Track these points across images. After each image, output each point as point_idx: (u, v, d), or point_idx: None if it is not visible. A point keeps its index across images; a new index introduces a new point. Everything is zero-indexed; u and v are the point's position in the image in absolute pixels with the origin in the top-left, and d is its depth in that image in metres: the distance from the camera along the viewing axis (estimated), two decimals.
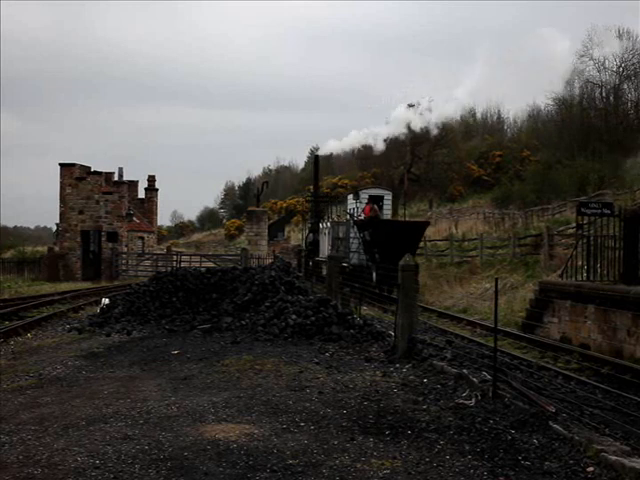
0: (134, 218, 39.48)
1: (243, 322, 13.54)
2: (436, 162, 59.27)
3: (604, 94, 47.20)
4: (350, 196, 29.41)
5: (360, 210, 26.71)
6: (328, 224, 30.02)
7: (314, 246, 32.06)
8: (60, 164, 36.15)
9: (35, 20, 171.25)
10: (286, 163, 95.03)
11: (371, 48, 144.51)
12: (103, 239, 35.68)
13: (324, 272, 27.32)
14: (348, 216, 27.97)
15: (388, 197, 28.48)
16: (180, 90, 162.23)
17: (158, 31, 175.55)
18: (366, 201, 26.95)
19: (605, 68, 46.10)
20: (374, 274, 21.72)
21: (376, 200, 27.19)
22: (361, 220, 25.88)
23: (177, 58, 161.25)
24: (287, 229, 60.06)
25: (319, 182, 37.93)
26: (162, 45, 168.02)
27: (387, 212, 28.07)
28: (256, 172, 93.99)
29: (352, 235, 26.04)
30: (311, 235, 33.42)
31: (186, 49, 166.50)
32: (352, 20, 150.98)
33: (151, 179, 45.37)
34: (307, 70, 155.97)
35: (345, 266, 23.98)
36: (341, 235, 27.85)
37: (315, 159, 37.28)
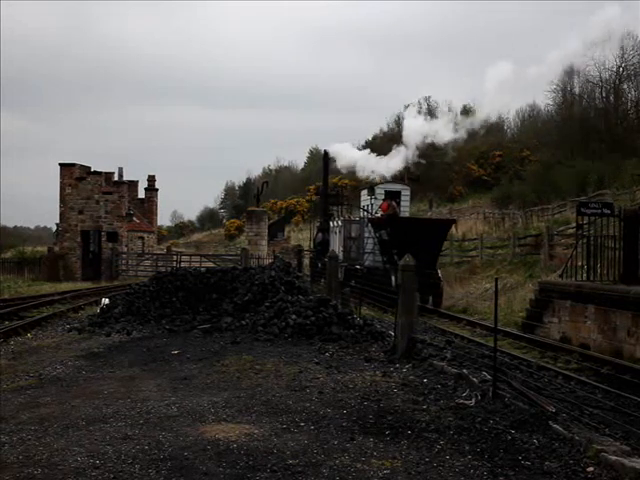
0: (134, 218, 39.50)
1: (243, 322, 13.55)
2: (436, 162, 59.28)
3: (604, 94, 47.21)
4: (364, 192, 27.01)
5: (376, 207, 24.74)
6: (339, 222, 27.90)
7: (323, 246, 29.67)
8: (60, 164, 36.14)
9: (37, 20, 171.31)
10: (286, 163, 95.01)
11: (377, 48, 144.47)
12: (103, 239, 35.68)
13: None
14: (363, 213, 25.69)
15: (406, 192, 25.86)
16: (181, 90, 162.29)
17: (160, 30, 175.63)
18: (382, 197, 24.78)
19: (605, 68, 46.12)
20: (393, 278, 19.88)
21: (393, 196, 24.87)
22: (378, 218, 23.71)
23: (178, 58, 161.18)
24: (287, 229, 60.03)
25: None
26: (163, 45, 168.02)
27: (405, 209, 25.46)
28: (256, 172, 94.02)
29: (366, 235, 24.09)
30: (320, 235, 31.19)
31: (187, 48, 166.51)
32: (356, 20, 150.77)
33: (151, 179, 45.38)
34: (310, 70, 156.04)
35: (359, 268, 22.55)
36: (353, 234, 25.92)
37: (325, 154, 34.49)
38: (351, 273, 22.74)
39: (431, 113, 57.46)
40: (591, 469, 5.55)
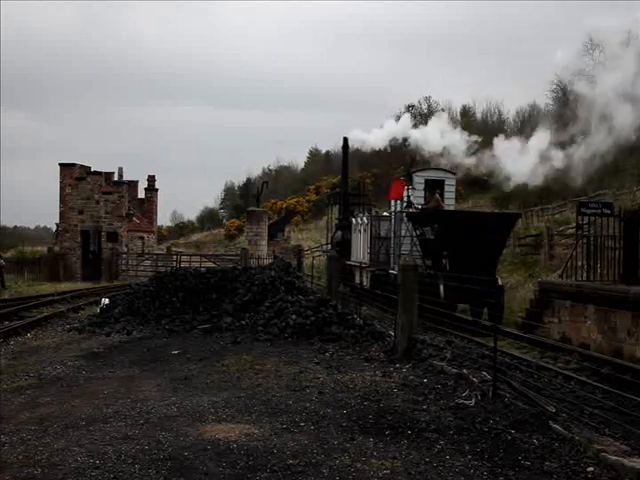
0: (134, 218, 39.52)
1: (243, 322, 13.55)
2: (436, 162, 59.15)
3: None
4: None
5: (414, 198, 20.60)
6: (364, 219, 24.16)
7: (343, 247, 26.08)
8: (60, 164, 36.20)
9: (37, 20, 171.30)
10: (286, 163, 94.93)
11: (378, 48, 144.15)
12: (103, 239, 35.75)
13: (357, 279, 23.45)
14: (398, 206, 21.19)
15: (450, 182, 21.12)
16: (182, 90, 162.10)
17: (161, 29, 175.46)
18: (421, 187, 20.64)
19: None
20: (441, 286, 16.86)
21: (434, 185, 20.52)
22: (420, 212, 19.56)
23: (180, 57, 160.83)
24: (287, 229, 60.01)
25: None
26: (165, 44, 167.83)
27: (450, 202, 20.94)
28: (256, 172, 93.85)
29: (402, 233, 20.28)
30: (339, 233, 27.64)
31: (189, 48, 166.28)
32: (362, 20, 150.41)
33: (151, 179, 45.35)
34: (312, 70, 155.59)
35: (394, 274, 19.27)
36: (383, 233, 22.32)
37: (344, 142, 30.60)
38: (381, 280, 20.32)
39: (431, 113, 57.37)
40: (591, 469, 5.55)
